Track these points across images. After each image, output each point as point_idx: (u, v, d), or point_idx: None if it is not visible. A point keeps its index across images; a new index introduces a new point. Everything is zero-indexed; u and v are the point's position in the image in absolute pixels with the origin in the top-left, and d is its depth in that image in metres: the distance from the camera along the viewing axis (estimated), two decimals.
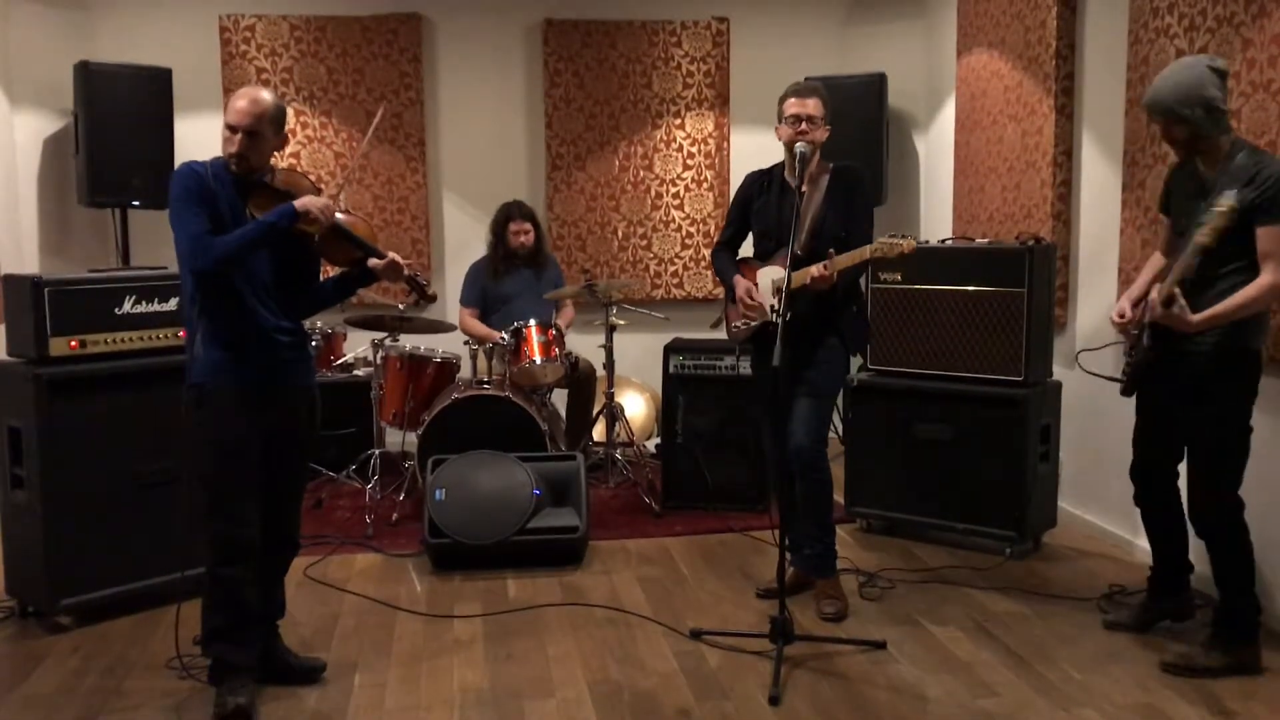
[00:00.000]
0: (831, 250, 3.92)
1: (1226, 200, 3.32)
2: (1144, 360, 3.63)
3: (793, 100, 4.11)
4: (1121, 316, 3.71)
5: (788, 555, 3.90)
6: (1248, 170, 3.40)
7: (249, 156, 3.32)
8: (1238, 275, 3.43)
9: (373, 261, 3.50)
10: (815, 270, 3.92)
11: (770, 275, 4.18)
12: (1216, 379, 3.53)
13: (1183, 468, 3.81)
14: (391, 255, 3.53)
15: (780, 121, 4.14)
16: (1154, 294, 3.51)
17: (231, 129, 3.31)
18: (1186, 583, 3.97)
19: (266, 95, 3.37)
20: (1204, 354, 3.51)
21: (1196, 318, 3.42)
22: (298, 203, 3.32)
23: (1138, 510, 3.97)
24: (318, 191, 3.50)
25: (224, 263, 3.26)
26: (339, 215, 3.47)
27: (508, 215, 6.17)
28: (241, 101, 3.32)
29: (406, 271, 3.59)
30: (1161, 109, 3.51)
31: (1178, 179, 3.74)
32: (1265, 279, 3.38)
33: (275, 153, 3.46)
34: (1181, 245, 3.54)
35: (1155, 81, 3.58)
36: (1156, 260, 3.87)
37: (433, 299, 4.07)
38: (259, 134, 3.32)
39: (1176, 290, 3.41)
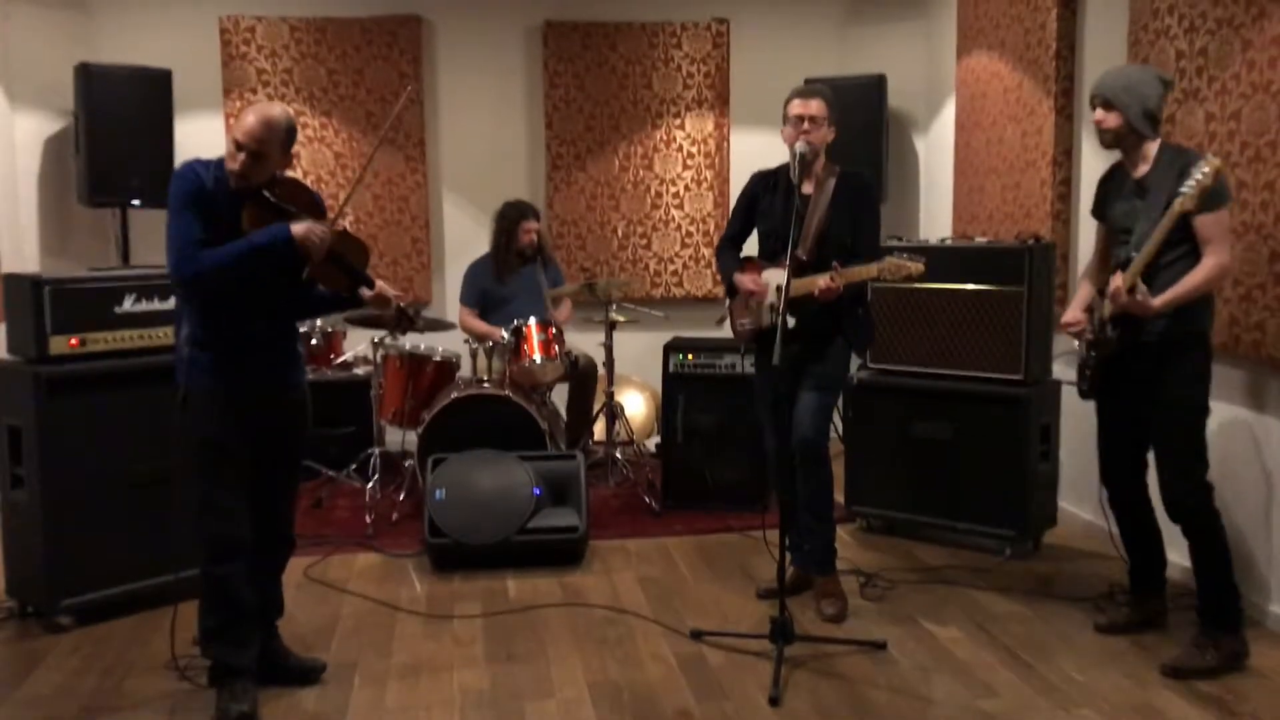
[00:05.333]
0: (836, 264, 3.93)
1: (1212, 163, 3.43)
2: (1108, 354, 3.74)
3: (796, 102, 4.11)
4: (1075, 322, 3.86)
5: (788, 555, 3.90)
6: (1177, 163, 3.56)
7: (250, 176, 3.25)
8: (1181, 263, 3.57)
9: (363, 292, 3.46)
10: (822, 282, 3.92)
11: (775, 277, 4.17)
12: (1171, 366, 3.65)
13: (1148, 461, 3.89)
14: (380, 287, 3.48)
15: (785, 123, 4.14)
16: (1115, 283, 3.58)
17: (237, 145, 3.23)
18: (1164, 580, 4.03)
19: (278, 115, 3.27)
20: (1155, 343, 3.63)
21: (1157, 301, 3.53)
22: (295, 231, 3.23)
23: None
24: (318, 205, 3.45)
25: (207, 277, 3.21)
26: (341, 225, 3.42)
27: (521, 214, 6.14)
28: (251, 119, 3.23)
29: (394, 305, 3.55)
30: (1104, 92, 3.68)
31: (1111, 184, 3.88)
32: (1211, 261, 3.54)
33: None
34: (1129, 239, 3.70)
35: (1106, 71, 3.81)
36: (1094, 268, 4.01)
37: (420, 330, 4.07)
38: (264, 155, 3.25)
39: (1138, 279, 3.53)
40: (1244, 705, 3.42)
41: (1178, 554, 3.95)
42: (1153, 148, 3.69)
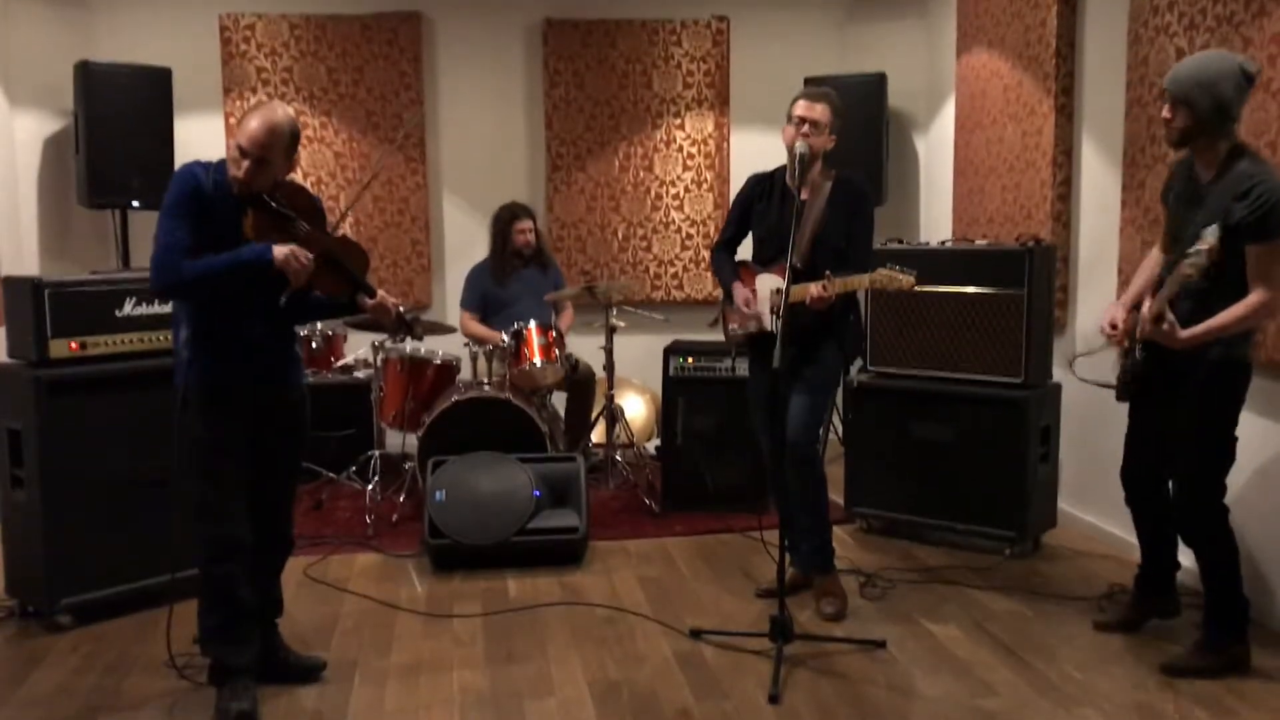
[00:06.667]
0: (829, 273, 3.91)
1: (1209, 238, 3.21)
2: (1137, 371, 3.62)
3: (801, 103, 4.08)
4: (1113, 327, 3.67)
5: (787, 555, 3.89)
6: (1243, 183, 3.33)
7: (254, 182, 3.23)
8: (1238, 291, 3.37)
9: (362, 300, 3.45)
10: (814, 290, 3.90)
11: (768, 282, 4.17)
12: (1213, 392, 3.51)
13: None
14: (381, 296, 3.46)
15: (788, 122, 4.11)
16: (1144, 309, 3.48)
17: (241, 151, 3.21)
18: (1174, 581, 3.99)
19: (283, 120, 3.24)
20: (1205, 368, 3.47)
21: (1185, 334, 3.38)
22: (277, 255, 3.20)
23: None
24: (319, 210, 3.43)
25: (184, 288, 3.22)
26: (342, 230, 3.39)
27: (513, 215, 6.17)
28: (255, 124, 3.19)
29: (395, 315, 3.53)
30: (1173, 87, 3.42)
31: (1179, 174, 3.67)
32: (1253, 298, 3.34)
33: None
34: (1176, 248, 3.52)
35: (1182, 60, 3.55)
36: (1153, 259, 3.81)
37: (419, 338, 4.06)
38: (269, 161, 3.22)
39: (1165, 308, 3.38)
40: (1245, 706, 3.41)
41: (1185, 556, 3.94)
42: (1223, 148, 3.41)
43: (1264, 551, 4.03)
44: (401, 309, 3.60)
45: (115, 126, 6.06)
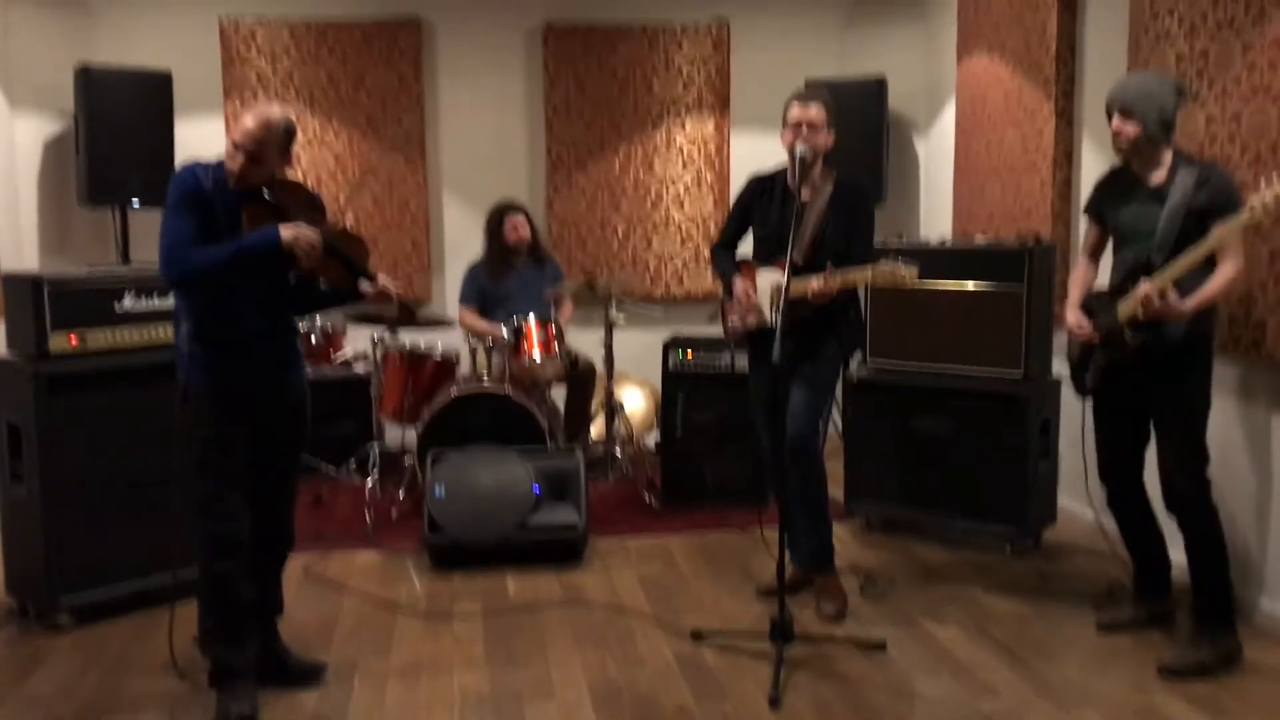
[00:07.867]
0: (830, 265, 3.92)
1: (1262, 196, 3.38)
2: (1124, 357, 3.74)
3: (795, 106, 4.09)
4: (1081, 327, 3.88)
5: (787, 553, 3.90)
6: (1200, 174, 3.63)
7: (248, 177, 3.27)
8: (1198, 271, 3.57)
9: (364, 285, 3.47)
10: (815, 284, 3.91)
11: (769, 278, 4.17)
12: (1191, 364, 3.71)
13: (1146, 461, 3.92)
14: (383, 282, 3.48)
15: (784, 127, 4.13)
16: (1146, 288, 3.55)
17: (235, 146, 3.25)
18: (1169, 583, 4.04)
19: (277, 116, 3.29)
20: (1179, 342, 3.67)
21: (1188, 305, 3.56)
22: (284, 235, 3.23)
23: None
24: (318, 205, 3.45)
25: (195, 277, 3.24)
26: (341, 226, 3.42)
27: (502, 212, 6.19)
28: (250, 121, 3.25)
29: (397, 299, 3.55)
30: (1124, 101, 3.70)
31: (1116, 187, 3.88)
32: (1229, 268, 3.58)
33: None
34: (1140, 242, 3.72)
35: (1122, 79, 3.84)
36: (1083, 267, 4.06)
37: (420, 322, 4.06)
38: (262, 157, 3.26)
39: (1170, 285, 3.54)
40: (1243, 705, 3.42)
41: (1178, 553, 3.95)
42: (1167, 154, 3.73)
43: (1256, 547, 4.05)
44: (401, 293, 3.62)
45: (115, 130, 6.06)
